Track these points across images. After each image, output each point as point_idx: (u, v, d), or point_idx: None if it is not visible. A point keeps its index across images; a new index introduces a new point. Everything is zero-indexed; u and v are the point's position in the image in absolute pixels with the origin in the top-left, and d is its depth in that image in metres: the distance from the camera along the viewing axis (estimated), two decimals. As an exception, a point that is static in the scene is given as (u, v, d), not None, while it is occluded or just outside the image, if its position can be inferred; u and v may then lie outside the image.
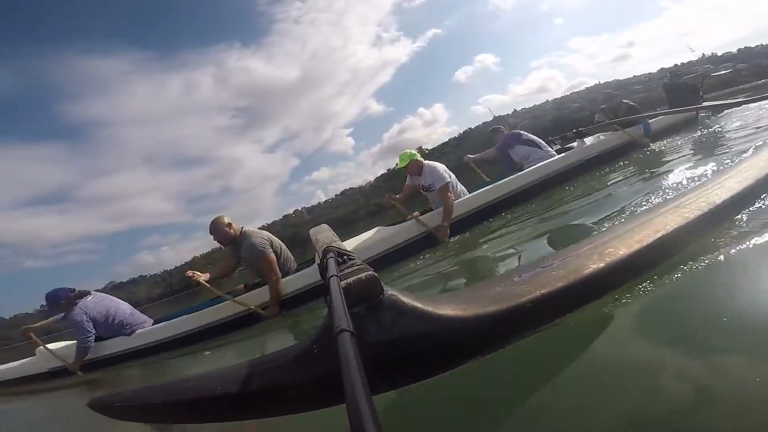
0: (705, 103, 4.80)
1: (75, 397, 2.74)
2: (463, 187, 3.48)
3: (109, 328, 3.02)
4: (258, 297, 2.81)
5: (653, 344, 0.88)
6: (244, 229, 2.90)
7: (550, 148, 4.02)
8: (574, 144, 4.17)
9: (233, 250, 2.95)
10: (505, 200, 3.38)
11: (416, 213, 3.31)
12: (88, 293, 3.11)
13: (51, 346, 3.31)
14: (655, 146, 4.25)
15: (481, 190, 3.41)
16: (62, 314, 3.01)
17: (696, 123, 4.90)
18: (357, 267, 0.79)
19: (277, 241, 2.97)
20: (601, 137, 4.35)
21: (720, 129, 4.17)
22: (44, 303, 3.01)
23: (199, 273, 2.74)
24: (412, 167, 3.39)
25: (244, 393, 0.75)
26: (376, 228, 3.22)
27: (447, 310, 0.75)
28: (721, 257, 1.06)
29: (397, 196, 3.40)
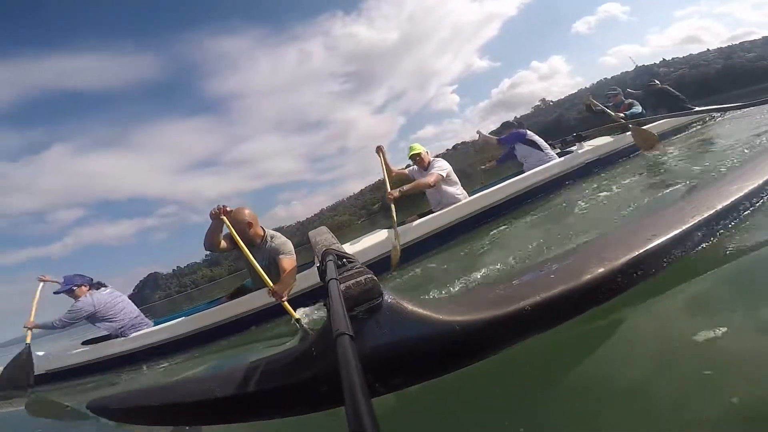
0: (713, 106, 4.77)
1: (74, 400, 2.74)
2: (464, 191, 3.49)
3: (113, 325, 2.99)
4: (247, 303, 2.79)
5: (655, 353, 0.88)
6: (268, 232, 2.68)
7: (551, 151, 4.02)
8: (574, 147, 4.18)
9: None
10: (502, 204, 3.39)
11: (414, 216, 3.31)
12: (104, 285, 3.10)
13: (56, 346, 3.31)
14: (659, 148, 4.25)
15: (478, 194, 3.42)
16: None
17: (689, 127, 4.92)
18: (356, 270, 0.80)
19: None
20: (602, 140, 4.35)
21: (718, 132, 4.18)
22: (206, 254, 2.96)
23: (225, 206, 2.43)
24: (420, 159, 3.46)
25: (242, 395, 0.75)
26: (376, 231, 3.22)
27: (445, 313, 0.75)
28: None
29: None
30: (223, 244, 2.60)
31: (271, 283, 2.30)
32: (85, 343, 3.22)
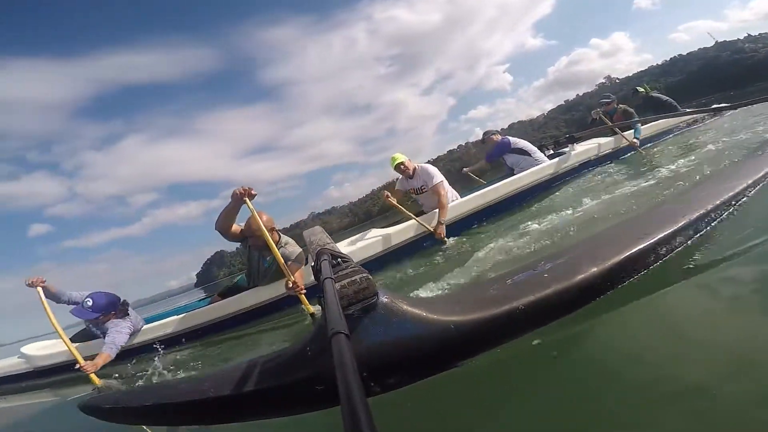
0: (714, 105, 4.82)
1: (67, 399, 2.70)
2: (455, 192, 3.51)
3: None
4: (242, 301, 2.80)
5: (649, 352, 0.89)
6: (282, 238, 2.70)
7: (542, 155, 4.05)
8: (566, 149, 4.22)
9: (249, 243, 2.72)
10: (496, 205, 3.41)
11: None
12: (128, 305, 2.92)
13: (43, 343, 3.24)
14: (644, 150, 4.33)
15: (471, 195, 3.44)
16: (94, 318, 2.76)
17: (682, 128, 5.02)
18: (351, 269, 0.80)
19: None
20: (594, 142, 4.40)
21: (710, 134, 4.25)
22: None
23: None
24: (404, 168, 3.42)
25: (237, 395, 0.75)
26: (370, 230, 3.22)
27: (440, 312, 0.76)
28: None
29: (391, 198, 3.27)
30: (236, 228, 2.62)
31: (291, 276, 2.35)
32: (73, 339, 3.17)
